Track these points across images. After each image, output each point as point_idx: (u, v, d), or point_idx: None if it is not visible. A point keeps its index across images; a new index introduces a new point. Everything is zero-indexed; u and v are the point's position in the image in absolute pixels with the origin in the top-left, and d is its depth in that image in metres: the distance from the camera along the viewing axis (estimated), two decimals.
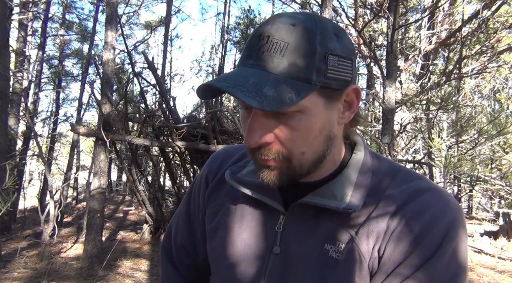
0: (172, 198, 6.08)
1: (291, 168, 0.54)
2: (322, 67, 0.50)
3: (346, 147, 0.63)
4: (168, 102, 4.96)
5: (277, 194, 0.61)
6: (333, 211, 0.56)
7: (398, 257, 0.52)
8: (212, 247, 0.69)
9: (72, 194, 10.02)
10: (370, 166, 0.60)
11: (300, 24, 0.51)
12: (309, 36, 0.50)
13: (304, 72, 0.49)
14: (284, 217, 0.60)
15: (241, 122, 0.58)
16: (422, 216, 0.53)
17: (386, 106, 3.61)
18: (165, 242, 0.83)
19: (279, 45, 0.50)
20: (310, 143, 0.53)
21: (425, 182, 0.58)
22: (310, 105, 0.51)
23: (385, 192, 0.57)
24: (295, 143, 0.53)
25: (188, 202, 0.79)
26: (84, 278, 3.89)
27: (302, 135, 0.52)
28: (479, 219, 8.18)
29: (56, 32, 8.99)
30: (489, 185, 4.01)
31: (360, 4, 6.06)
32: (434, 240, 0.51)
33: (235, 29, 11.23)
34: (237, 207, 0.66)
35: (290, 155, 0.53)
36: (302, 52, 0.50)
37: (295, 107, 0.50)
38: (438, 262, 0.51)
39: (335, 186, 0.57)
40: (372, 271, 0.54)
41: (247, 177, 0.64)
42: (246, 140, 0.53)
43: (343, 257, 0.55)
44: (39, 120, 9.71)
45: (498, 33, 4.67)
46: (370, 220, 0.55)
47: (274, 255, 0.60)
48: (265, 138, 0.52)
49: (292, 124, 0.52)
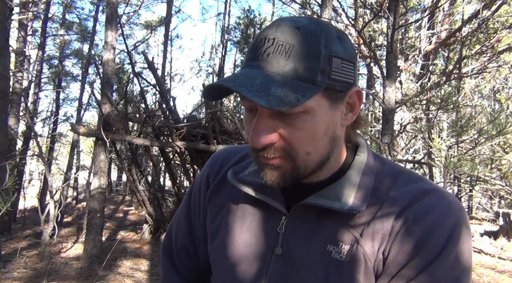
0: (172, 198, 6.08)
1: (296, 169, 0.54)
2: (327, 69, 0.51)
3: (348, 149, 0.63)
4: (168, 102, 4.96)
5: (280, 194, 0.61)
6: (336, 212, 0.56)
7: (402, 259, 0.52)
8: (213, 247, 0.69)
9: (72, 194, 10.03)
10: (373, 168, 0.60)
11: (304, 27, 0.52)
12: (313, 39, 0.51)
13: (309, 73, 0.50)
14: (286, 218, 0.60)
15: (245, 125, 0.58)
16: (426, 218, 0.53)
17: (386, 106, 3.61)
18: (166, 243, 0.83)
19: (284, 47, 0.50)
20: (315, 144, 0.54)
21: (428, 183, 0.58)
22: (315, 106, 0.52)
23: (388, 193, 0.57)
24: (300, 143, 0.53)
25: (188, 202, 0.79)
26: (84, 278, 3.89)
27: (307, 135, 0.53)
28: (479, 219, 8.18)
29: (56, 32, 8.99)
30: (489, 185, 4.01)
31: (360, 4, 6.06)
32: (438, 242, 0.51)
33: (235, 29, 11.24)
34: (239, 207, 0.66)
35: (295, 155, 0.53)
36: (307, 54, 0.50)
37: (301, 108, 0.51)
38: (442, 264, 0.51)
39: (338, 188, 0.57)
40: (377, 273, 0.54)
41: (249, 177, 0.64)
42: (251, 141, 0.53)
43: (347, 258, 0.55)
44: (39, 120, 9.72)
45: (498, 33, 4.67)
46: (375, 222, 0.55)
47: (276, 256, 0.60)
48: (270, 138, 0.52)
49: (297, 125, 0.52)
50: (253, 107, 0.54)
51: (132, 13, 9.50)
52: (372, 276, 0.54)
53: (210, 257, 0.70)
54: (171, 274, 0.80)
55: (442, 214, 0.53)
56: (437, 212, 0.53)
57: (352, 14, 7.17)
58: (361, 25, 5.71)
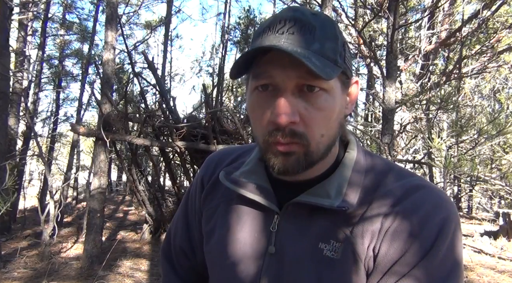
0: (172, 198, 6.08)
1: (309, 153, 0.54)
2: (343, 53, 0.54)
3: (340, 145, 0.63)
4: (168, 102, 4.96)
5: (271, 193, 0.61)
6: (327, 210, 0.56)
7: (393, 255, 0.52)
8: (208, 248, 0.69)
9: (72, 194, 10.02)
10: (363, 164, 0.60)
11: (320, 14, 0.54)
12: (331, 24, 0.54)
13: (332, 53, 0.52)
14: (278, 217, 0.60)
15: (256, 105, 0.55)
16: (416, 213, 0.53)
17: (386, 106, 3.61)
18: (165, 245, 0.84)
19: (308, 28, 0.52)
20: (330, 126, 0.55)
21: (418, 179, 0.58)
22: (334, 86, 0.54)
23: (378, 190, 0.57)
24: (318, 124, 0.53)
25: (186, 204, 0.79)
26: (84, 278, 3.89)
27: (326, 116, 0.53)
28: (479, 219, 8.17)
29: (56, 32, 8.99)
30: (489, 185, 4.00)
31: (360, 4, 6.06)
32: (429, 236, 0.52)
33: (235, 29, 11.23)
34: (232, 208, 0.66)
35: (310, 138, 0.53)
36: (329, 36, 0.53)
37: (325, 85, 0.52)
38: (434, 258, 0.51)
39: (329, 185, 0.57)
40: (368, 271, 0.54)
41: (241, 178, 0.64)
42: (275, 119, 0.51)
43: (338, 256, 0.55)
44: (39, 120, 9.72)
45: (498, 33, 4.67)
46: (365, 219, 0.55)
47: (269, 255, 0.60)
48: (294, 117, 0.51)
49: (319, 104, 0.52)
50: (272, 85, 0.53)
51: (132, 13, 9.50)
52: (364, 274, 0.54)
53: (206, 258, 0.70)
54: (170, 275, 0.80)
55: (432, 209, 0.53)
56: (427, 207, 0.53)
57: (352, 14, 7.18)
58: (361, 25, 5.71)
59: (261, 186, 0.61)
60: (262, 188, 0.61)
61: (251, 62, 0.53)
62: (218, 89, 5.73)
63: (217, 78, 7.05)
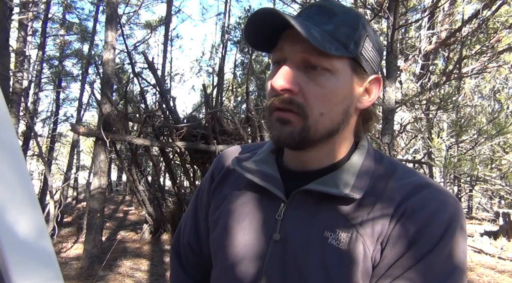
0: (172, 198, 6.08)
1: (306, 128, 0.56)
2: (360, 43, 0.56)
3: (353, 142, 0.65)
4: (168, 102, 4.96)
5: (279, 182, 0.62)
6: (335, 200, 0.57)
7: (399, 250, 0.53)
8: (213, 237, 0.69)
9: (72, 194, 10.03)
10: (372, 160, 0.62)
11: (349, 7, 0.59)
12: (355, 16, 0.57)
13: (344, 38, 0.55)
14: (284, 205, 0.61)
15: (269, 78, 0.59)
16: (424, 210, 0.54)
17: (386, 106, 3.61)
18: (175, 240, 0.84)
19: (327, 12, 0.56)
20: (330, 107, 0.56)
21: (425, 178, 0.60)
22: (340, 69, 0.55)
23: (387, 185, 0.58)
24: (317, 100, 0.55)
25: (196, 200, 0.80)
26: (84, 278, 3.89)
27: (326, 95, 0.55)
28: (479, 219, 8.17)
29: (56, 32, 9.00)
30: (489, 185, 4.01)
31: (360, 4, 6.06)
32: (435, 233, 0.53)
33: (235, 29, 11.24)
34: (240, 195, 0.67)
35: (309, 112, 0.55)
36: (347, 23, 0.56)
37: (328, 65, 0.54)
38: (439, 255, 0.52)
39: (338, 175, 0.59)
40: (374, 263, 0.55)
41: (252, 165, 0.66)
42: (272, 84, 0.55)
43: (345, 246, 0.55)
44: (39, 120, 9.72)
45: (498, 33, 4.66)
46: (374, 212, 0.56)
47: (274, 242, 0.60)
48: (292, 85, 0.55)
49: (320, 82, 0.55)
50: (282, 59, 0.57)
51: (132, 13, 9.51)
52: (370, 266, 0.55)
53: (210, 247, 0.70)
54: (178, 272, 0.81)
55: (439, 207, 0.54)
56: (435, 205, 0.54)
57: None
58: None
59: (270, 174, 0.63)
60: (270, 176, 0.63)
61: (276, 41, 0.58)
62: (218, 89, 5.73)
63: (217, 78, 7.04)
